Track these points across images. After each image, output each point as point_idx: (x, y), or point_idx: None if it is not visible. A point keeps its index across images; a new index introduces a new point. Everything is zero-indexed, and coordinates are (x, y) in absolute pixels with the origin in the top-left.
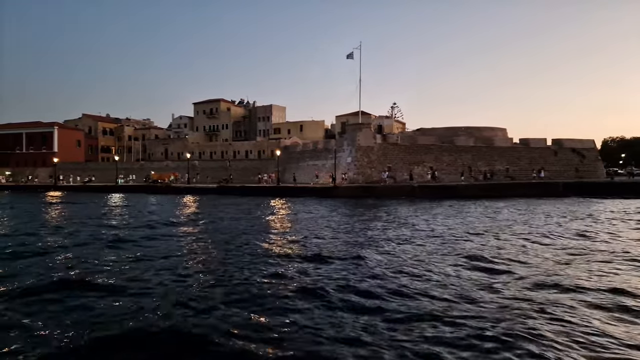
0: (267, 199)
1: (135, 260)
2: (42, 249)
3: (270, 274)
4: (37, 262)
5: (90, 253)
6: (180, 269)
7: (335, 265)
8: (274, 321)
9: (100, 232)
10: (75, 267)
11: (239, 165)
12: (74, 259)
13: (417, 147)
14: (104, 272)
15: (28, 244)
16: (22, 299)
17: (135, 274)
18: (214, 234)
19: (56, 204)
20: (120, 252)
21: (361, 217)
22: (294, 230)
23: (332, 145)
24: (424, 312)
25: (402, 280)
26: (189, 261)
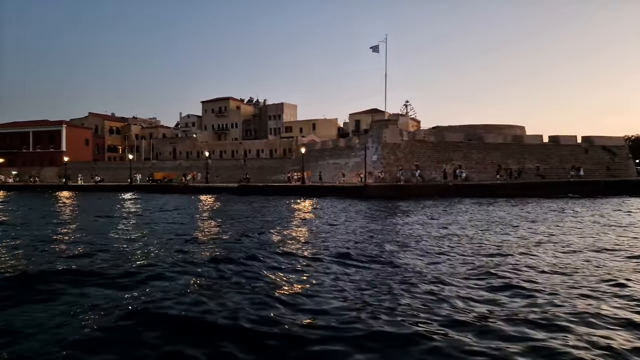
0: (293, 198)
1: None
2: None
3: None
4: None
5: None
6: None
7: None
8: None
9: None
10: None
11: (255, 164)
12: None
13: (445, 145)
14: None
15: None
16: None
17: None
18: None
19: (87, 206)
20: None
21: (411, 222)
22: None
23: (355, 143)
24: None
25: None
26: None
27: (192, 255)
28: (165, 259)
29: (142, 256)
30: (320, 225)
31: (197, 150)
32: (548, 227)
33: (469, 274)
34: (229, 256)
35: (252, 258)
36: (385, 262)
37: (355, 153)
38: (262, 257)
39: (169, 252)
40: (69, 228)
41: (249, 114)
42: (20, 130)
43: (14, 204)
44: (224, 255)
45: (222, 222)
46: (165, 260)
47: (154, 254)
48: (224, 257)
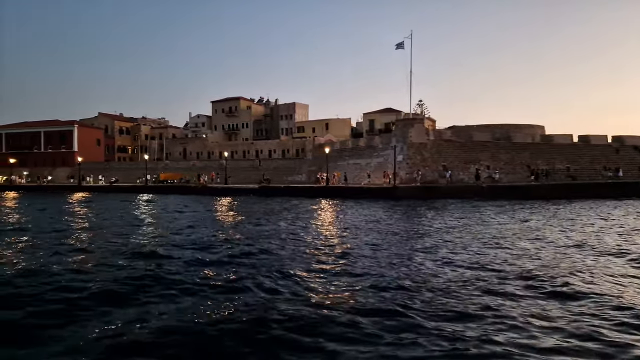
0: (319, 200)
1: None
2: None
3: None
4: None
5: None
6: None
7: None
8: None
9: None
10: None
11: (270, 164)
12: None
13: (472, 144)
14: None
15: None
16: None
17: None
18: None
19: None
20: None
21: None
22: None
23: (377, 142)
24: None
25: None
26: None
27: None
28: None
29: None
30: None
31: (207, 151)
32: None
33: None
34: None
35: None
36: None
37: (378, 153)
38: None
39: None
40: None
41: (260, 114)
42: (31, 130)
43: (36, 206)
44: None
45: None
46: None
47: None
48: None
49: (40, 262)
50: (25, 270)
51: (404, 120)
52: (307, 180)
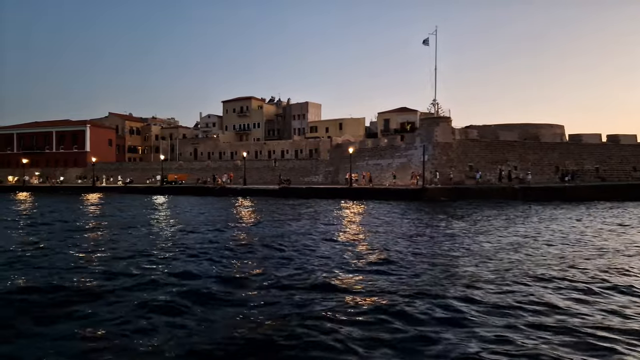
0: (343, 202)
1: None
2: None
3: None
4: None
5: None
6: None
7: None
8: None
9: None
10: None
11: (286, 165)
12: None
13: (499, 144)
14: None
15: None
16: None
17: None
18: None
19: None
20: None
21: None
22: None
23: (399, 142)
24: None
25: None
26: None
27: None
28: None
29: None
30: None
31: (219, 151)
32: None
33: None
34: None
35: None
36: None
37: (400, 153)
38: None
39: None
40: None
41: (272, 114)
42: (43, 130)
43: (54, 209)
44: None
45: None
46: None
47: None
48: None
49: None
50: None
51: (429, 119)
52: (323, 181)
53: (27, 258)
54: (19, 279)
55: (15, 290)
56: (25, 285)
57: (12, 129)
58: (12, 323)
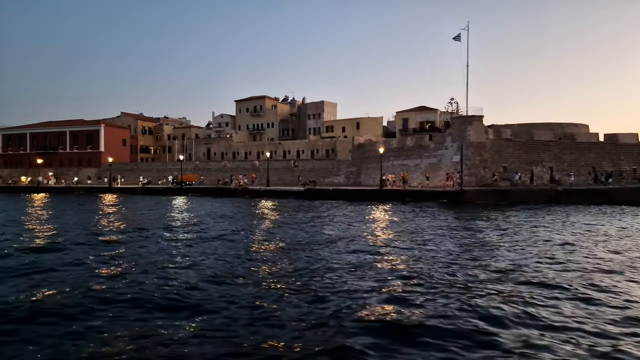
0: (373, 204)
1: None
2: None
3: None
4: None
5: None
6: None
7: None
8: None
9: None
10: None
11: (306, 165)
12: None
13: (534, 144)
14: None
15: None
16: None
17: None
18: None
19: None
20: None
21: None
22: None
23: (427, 142)
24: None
25: None
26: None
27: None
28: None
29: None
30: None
31: (232, 151)
32: None
33: None
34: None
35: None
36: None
37: (429, 153)
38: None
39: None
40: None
41: (286, 113)
42: (57, 130)
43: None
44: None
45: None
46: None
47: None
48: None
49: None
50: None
51: (461, 117)
52: (345, 182)
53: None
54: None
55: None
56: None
57: (25, 129)
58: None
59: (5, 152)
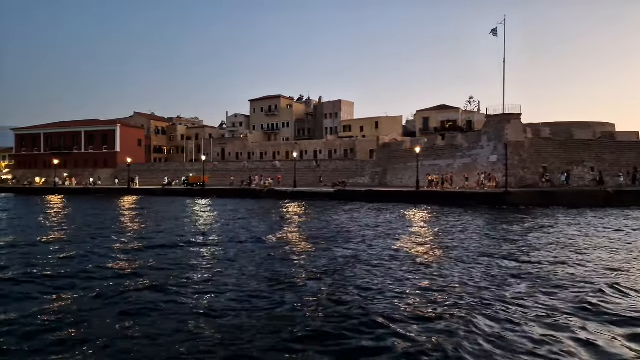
0: (409, 206)
1: None
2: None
3: None
4: None
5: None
6: None
7: None
8: None
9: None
10: None
11: (329, 166)
12: None
13: (574, 143)
14: None
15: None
16: None
17: None
18: None
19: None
20: None
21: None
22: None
23: (460, 141)
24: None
25: None
26: None
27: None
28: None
29: None
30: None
31: (248, 151)
32: None
33: None
34: None
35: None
36: None
37: (463, 153)
38: None
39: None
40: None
41: (301, 113)
42: (71, 130)
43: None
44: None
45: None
46: None
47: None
48: None
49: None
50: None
51: (498, 115)
52: (370, 183)
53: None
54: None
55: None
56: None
57: (39, 129)
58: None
59: (19, 153)
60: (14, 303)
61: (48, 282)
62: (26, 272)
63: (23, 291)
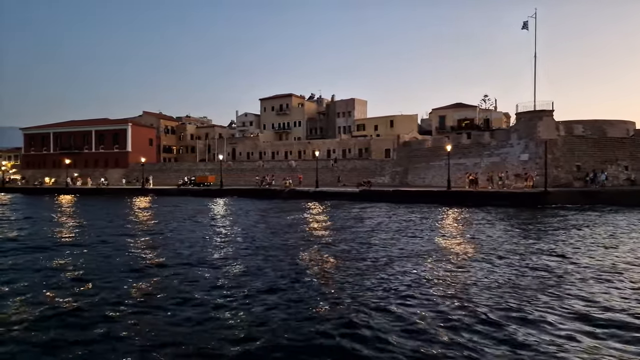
0: (441, 208)
1: None
2: None
3: None
4: None
5: None
6: None
7: None
8: None
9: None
10: None
11: (346, 165)
12: None
13: (608, 141)
14: None
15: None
16: None
17: None
18: None
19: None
20: None
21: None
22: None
23: (487, 139)
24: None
25: None
26: None
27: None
28: None
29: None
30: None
31: (259, 151)
32: None
33: None
34: None
35: None
36: None
37: (491, 152)
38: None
39: None
40: None
41: (313, 112)
42: (82, 129)
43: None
44: None
45: None
46: None
47: None
48: None
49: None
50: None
51: (530, 112)
52: (390, 183)
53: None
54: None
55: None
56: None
57: (49, 128)
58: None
59: (28, 153)
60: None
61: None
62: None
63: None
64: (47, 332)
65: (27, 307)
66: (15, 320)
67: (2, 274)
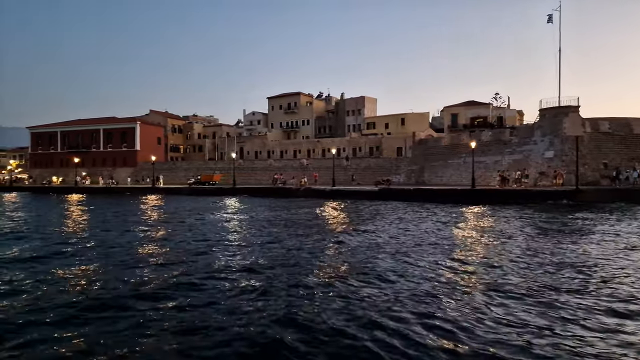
0: (464, 207)
1: None
2: None
3: None
4: None
5: None
6: None
7: None
8: None
9: None
10: None
11: (360, 163)
12: None
13: (635, 138)
14: None
15: None
16: None
17: None
18: None
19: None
20: None
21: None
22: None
23: (508, 136)
24: None
25: None
26: None
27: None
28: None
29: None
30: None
31: (267, 150)
32: None
33: None
34: None
35: None
36: None
37: (513, 149)
38: None
39: None
40: None
41: (321, 110)
42: (89, 128)
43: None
44: None
45: None
46: None
47: None
48: None
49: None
50: None
51: (555, 108)
52: (406, 181)
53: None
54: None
55: None
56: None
57: (56, 127)
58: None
59: (35, 152)
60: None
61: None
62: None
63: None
64: (58, 326)
65: (42, 300)
66: (29, 311)
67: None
